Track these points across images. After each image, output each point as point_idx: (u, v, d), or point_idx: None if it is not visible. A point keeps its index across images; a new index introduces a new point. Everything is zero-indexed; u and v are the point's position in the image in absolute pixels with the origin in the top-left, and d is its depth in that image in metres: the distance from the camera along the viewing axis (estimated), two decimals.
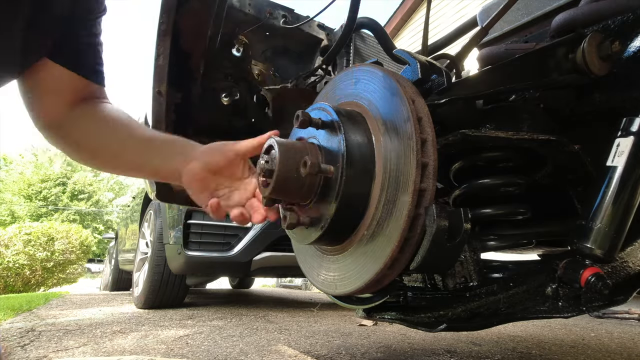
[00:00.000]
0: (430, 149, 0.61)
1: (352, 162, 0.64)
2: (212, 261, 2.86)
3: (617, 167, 0.62)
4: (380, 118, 0.67)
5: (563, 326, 2.68)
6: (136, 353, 1.59)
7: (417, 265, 0.60)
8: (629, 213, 0.61)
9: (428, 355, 1.61)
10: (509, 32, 1.27)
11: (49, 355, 1.55)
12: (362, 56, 1.73)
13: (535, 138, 0.72)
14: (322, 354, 1.61)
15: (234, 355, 1.57)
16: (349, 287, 0.69)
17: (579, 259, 0.63)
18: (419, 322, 0.78)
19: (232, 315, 2.84)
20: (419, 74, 0.74)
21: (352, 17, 1.28)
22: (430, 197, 0.60)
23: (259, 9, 1.46)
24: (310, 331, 2.20)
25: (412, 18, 8.20)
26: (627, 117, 0.64)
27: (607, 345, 1.98)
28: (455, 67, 1.13)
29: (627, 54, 0.65)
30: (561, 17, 0.83)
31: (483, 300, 0.74)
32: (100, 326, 2.29)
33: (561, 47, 0.68)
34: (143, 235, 3.61)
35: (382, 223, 0.62)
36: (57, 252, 8.60)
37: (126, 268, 5.39)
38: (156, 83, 1.11)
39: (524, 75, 0.76)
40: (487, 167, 0.85)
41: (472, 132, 0.72)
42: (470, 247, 0.77)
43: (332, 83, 0.83)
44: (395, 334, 2.15)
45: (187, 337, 1.96)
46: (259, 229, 2.94)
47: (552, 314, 0.66)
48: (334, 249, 0.73)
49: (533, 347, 1.87)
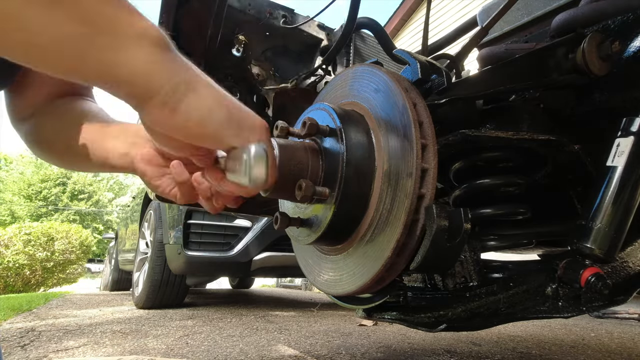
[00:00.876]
0: (431, 155, 0.61)
1: (352, 163, 0.64)
2: (212, 261, 2.86)
3: (617, 167, 0.62)
4: (380, 120, 0.67)
5: (563, 326, 2.68)
6: (136, 353, 1.59)
7: (417, 265, 0.60)
8: (629, 213, 0.61)
9: (428, 355, 1.61)
10: (509, 32, 1.27)
11: (49, 355, 1.55)
12: (362, 56, 1.73)
13: (535, 138, 0.72)
14: (322, 354, 1.61)
15: (234, 355, 1.57)
16: (349, 287, 0.69)
17: (579, 259, 0.63)
18: (419, 322, 0.78)
19: (232, 315, 2.84)
20: (419, 74, 0.74)
21: (352, 17, 1.28)
22: (431, 194, 0.60)
23: (259, 9, 1.47)
24: (310, 331, 2.20)
25: (412, 18, 8.20)
26: (627, 117, 0.64)
27: (607, 345, 1.98)
28: (455, 67, 1.13)
29: (627, 54, 0.65)
30: (561, 17, 0.83)
31: (483, 300, 0.74)
32: (100, 326, 2.29)
33: (561, 47, 0.68)
34: (143, 235, 3.61)
35: (382, 225, 0.62)
36: (57, 252, 8.61)
37: (126, 268, 5.39)
38: None
39: (524, 75, 0.76)
40: (487, 167, 0.85)
41: (472, 132, 0.72)
42: (470, 247, 0.77)
43: (332, 83, 0.83)
44: (395, 334, 2.15)
45: (187, 337, 1.95)
46: (259, 229, 2.94)
47: (552, 314, 0.66)
48: (334, 249, 0.73)
49: (533, 347, 1.87)
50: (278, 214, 0.68)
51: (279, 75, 1.65)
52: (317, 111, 0.72)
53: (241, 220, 2.99)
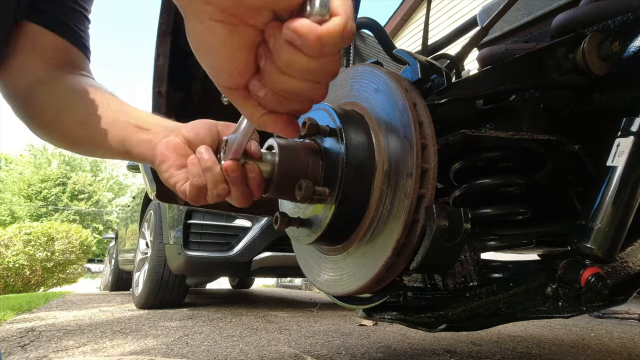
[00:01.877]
0: (431, 155, 0.61)
1: (352, 163, 0.64)
2: (212, 261, 2.86)
3: (617, 167, 0.62)
4: (381, 120, 0.67)
5: (563, 326, 2.68)
6: (136, 353, 1.59)
7: (417, 265, 0.60)
8: (629, 213, 0.61)
9: (428, 355, 1.61)
10: (509, 32, 1.27)
11: (49, 355, 1.55)
12: (362, 56, 1.73)
13: (535, 138, 0.72)
14: (322, 354, 1.61)
15: (234, 355, 1.57)
16: (349, 287, 0.69)
17: (579, 259, 0.63)
18: (419, 322, 0.78)
19: (232, 315, 2.84)
20: (419, 74, 0.74)
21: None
22: (431, 193, 0.60)
23: None
24: (310, 331, 2.20)
25: (412, 18, 8.20)
26: (627, 117, 0.64)
27: (607, 345, 1.98)
28: (455, 67, 1.13)
29: (627, 54, 0.65)
30: (561, 17, 0.84)
31: (483, 300, 0.74)
32: (100, 326, 2.29)
33: (561, 47, 0.68)
34: (143, 235, 3.61)
35: (382, 225, 0.62)
36: (57, 252, 8.61)
37: (126, 268, 5.39)
38: (156, 83, 1.11)
39: (524, 75, 0.76)
40: (487, 167, 0.85)
41: (472, 132, 0.72)
42: (470, 247, 0.77)
43: (332, 83, 0.83)
44: (395, 334, 2.15)
45: (187, 337, 1.96)
46: (259, 229, 2.94)
47: (552, 314, 0.66)
48: (334, 249, 0.73)
49: (533, 347, 1.87)
50: (278, 214, 0.68)
51: None
52: (317, 111, 0.72)
53: (241, 220, 2.99)
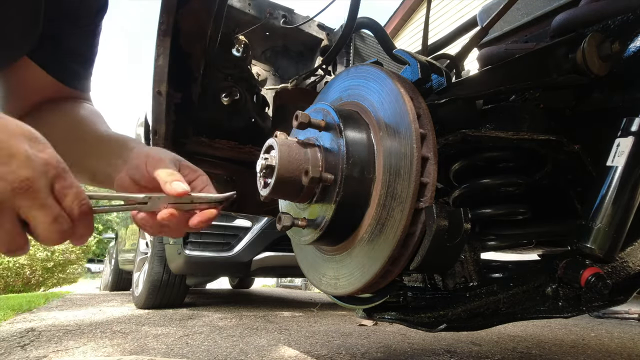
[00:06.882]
0: (431, 143, 0.61)
1: (353, 162, 0.64)
2: (212, 261, 2.86)
3: (617, 167, 0.62)
4: (379, 117, 0.67)
5: (563, 326, 2.68)
6: (136, 353, 1.59)
7: (417, 265, 0.60)
8: (629, 213, 0.61)
9: (428, 355, 1.61)
10: (509, 32, 1.27)
11: (49, 355, 1.55)
12: (362, 56, 1.73)
13: (535, 138, 0.72)
14: (322, 354, 1.61)
15: (234, 355, 1.57)
16: (349, 287, 0.69)
17: (579, 259, 0.63)
18: (419, 322, 0.78)
19: (232, 315, 2.84)
20: (419, 74, 0.74)
21: (352, 17, 1.28)
22: (431, 191, 0.60)
23: (259, 9, 1.47)
24: (310, 331, 2.20)
25: (412, 18, 8.20)
26: (627, 117, 0.64)
27: (607, 345, 1.98)
28: (455, 67, 1.13)
29: (627, 54, 0.65)
30: (561, 17, 0.83)
31: (483, 300, 0.74)
32: (100, 326, 2.29)
33: (561, 47, 0.68)
34: (143, 235, 3.61)
35: (383, 222, 0.62)
36: (57, 252, 8.60)
37: (126, 268, 5.39)
38: (156, 83, 1.11)
39: (524, 75, 0.76)
40: (487, 167, 0.85)
41: (472, 132, 0.72)
42: (470, 247, 0.77)
43: (332, 82, 0.83)
44: (395, 334, 2.15)
45: (187, 337, 1.95)
46: (259, 229, 2.94)
47: (552, 314, 0.66)
48: (334, 249, 0.73)
49: (533, 347, 1.87)
50: (281, 213, 0.68)
51: (279, 75, 1.65)
52: (318, 111, 0.72)
53: (241, 220, 2.99)
